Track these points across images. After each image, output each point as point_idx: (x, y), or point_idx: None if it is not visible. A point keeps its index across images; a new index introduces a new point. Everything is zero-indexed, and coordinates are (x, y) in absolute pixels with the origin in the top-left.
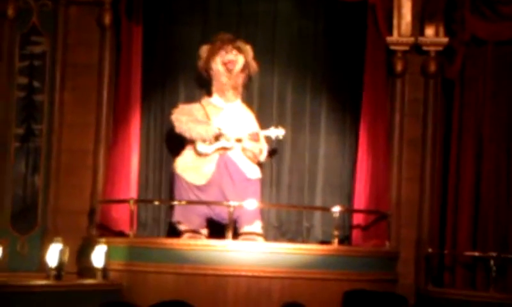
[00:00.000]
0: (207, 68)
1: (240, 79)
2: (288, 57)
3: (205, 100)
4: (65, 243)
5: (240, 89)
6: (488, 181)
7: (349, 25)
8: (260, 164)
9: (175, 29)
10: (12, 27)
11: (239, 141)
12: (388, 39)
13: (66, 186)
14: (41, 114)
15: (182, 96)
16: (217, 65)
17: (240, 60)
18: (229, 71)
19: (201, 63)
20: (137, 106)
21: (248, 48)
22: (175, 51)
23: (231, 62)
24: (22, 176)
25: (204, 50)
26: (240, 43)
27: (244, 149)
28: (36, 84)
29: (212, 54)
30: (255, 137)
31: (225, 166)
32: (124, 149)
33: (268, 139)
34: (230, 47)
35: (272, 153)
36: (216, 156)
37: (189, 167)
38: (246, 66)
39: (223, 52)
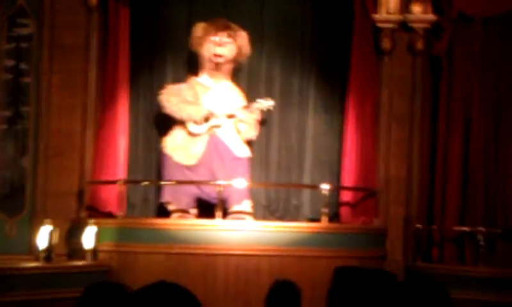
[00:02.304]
0: (197, 51)
1: (230, 66)
2: (277, 36)
3: (194, 80)
4: (54, 225)
5: (229, 72)
6: (476, 157)
7: (336, 3)
8: (249, 143)
9: (162, 9)
10: None
11: (230, 117)
12: (375, 16)
13: (54, 168)
14: (28, 96)
15: (169, 77)
16: (206, 52)
17: (231, 50)
18: (216, 63)
19: (192, 41)
20: (125, 87)
21: (243, 35)
22: (163, 32)
23: (219, 55)
24: (10, 158)
25: (198, 28)
26: (234, 30)
27: (240, 121)
28: (23, 66)
29: (202, 39)
30: (249, 109)
31: (215, 146)
32: (112, 130)
33: (260, 110)
34: (223, 35)
35: (262, 123)
36: (205, 137)
37: (179, 147)
38: (237, 54)
39: (214, 39)
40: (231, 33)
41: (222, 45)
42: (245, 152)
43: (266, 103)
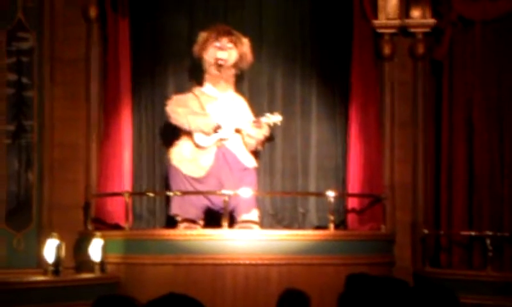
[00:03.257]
0: (200, 57)
1: (232, 72)
2: (277, 44)
3: (198, 90)
4: (61, 238)
5: (232, 80)
6: (481, 160)
7: (336, 10)
8: (254, 153)
9: (162, 19)
10: None
11: (237, 131)
12: (375, 22)
13: (59, 181)
14: (31, 110)
15: (171, 86)
16: (208, 57)
17: (232, 55)
18: (218, 67)
19: (196, 49)
20: (128, 98)
21: (245, 41)
22: (163, 41)
23: (221, 59)
24: (15, 172)
25: (201, 37)
26: (236, 36)
27: (248, 136)
28: (24, 80)
29: (205, 44)
30: (258, 124)
31: (223, 157)
32: (116, 141)
33: (268, 125)
34: (225, 40)
35: (268, 140)
36: (213, 148)
37: (187, 159)
38: (239, 60)
39: (216, 44)
40: (233, 39)
41: (224, 50)
42: (252, 162)
43: (274, 118)
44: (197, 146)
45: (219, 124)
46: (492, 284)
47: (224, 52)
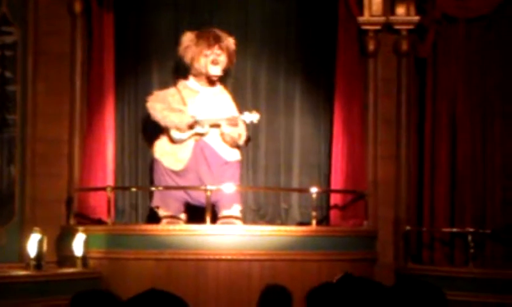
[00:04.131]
0: (186, 60)
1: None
2: (261, 41)
3: (181, 84)
4: (44, 232)
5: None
6: (464, 157)
7: (321, 6)
8: (238, 147)
9: (147, 15)
10: None
11: (216, 126)
12: (360, 19)
13: (42, 175)
14: (14, 104)
15: (155, 82)
16: (200, 66)
17: (223, 63)
18: (211, 82)
19: (181, 51)
20: (111, 93)
21: (231, 42)
22: (147, 37)
23: (215, 76)
24: None
25: (187, 39)
26: (223, 40)
27: (222, 134)
28: (7, 74)
29: (194, 52)
30: (233, 122)
31: (201, 151)
32: (99, 136)
33: (244, 123)
34: (215, 49)
35: (248, 138)
36: (191, 142)
37: (167, 152)
38: (227, 64)
39: (207, 53)
40: (222, 45)
41: (217, 63)
42: (234, 155)
43: (251, 117)
44: (173, 141)
45: (195, 119)
46: (474, 281)
47: (217, 66)
